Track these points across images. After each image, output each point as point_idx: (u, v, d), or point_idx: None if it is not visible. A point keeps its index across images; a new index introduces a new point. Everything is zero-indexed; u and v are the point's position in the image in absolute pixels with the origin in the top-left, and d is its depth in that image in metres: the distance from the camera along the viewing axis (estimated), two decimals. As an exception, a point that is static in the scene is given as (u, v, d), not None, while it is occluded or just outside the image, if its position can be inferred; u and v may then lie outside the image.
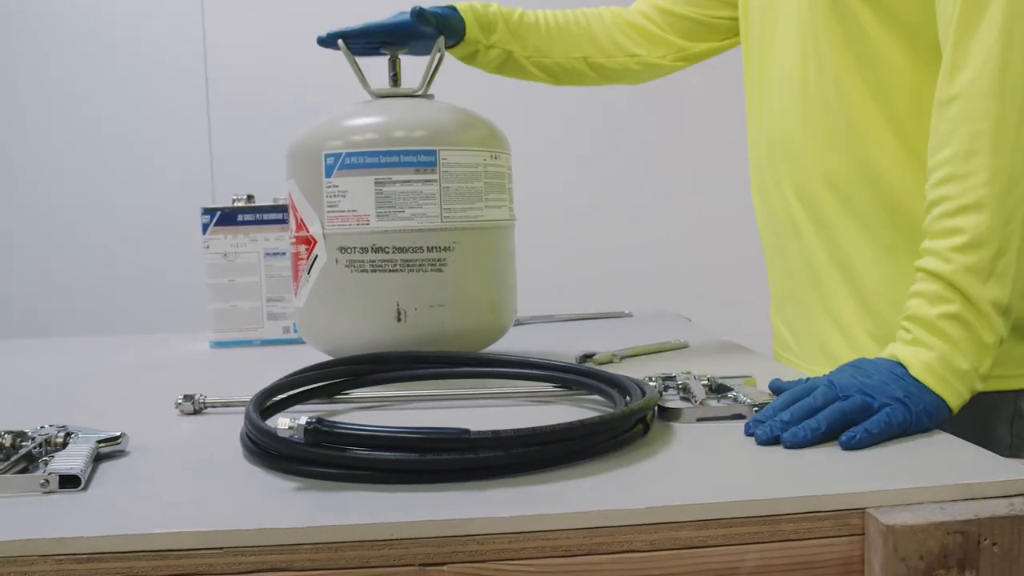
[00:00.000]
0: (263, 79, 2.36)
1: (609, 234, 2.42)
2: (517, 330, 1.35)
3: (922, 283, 0.70)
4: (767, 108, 0.97)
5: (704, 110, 2.37)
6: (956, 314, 0.67)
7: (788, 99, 0.92)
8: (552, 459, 0.58)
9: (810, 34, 0.88)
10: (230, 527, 0.50)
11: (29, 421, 0.71)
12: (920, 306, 0.69)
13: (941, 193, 0.70)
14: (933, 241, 0.70)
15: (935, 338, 0.67)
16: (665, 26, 1.13)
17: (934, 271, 0.69)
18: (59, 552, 0.50)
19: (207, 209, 1.29)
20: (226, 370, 1.12)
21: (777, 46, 0.94)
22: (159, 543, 0.49)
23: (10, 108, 2.40)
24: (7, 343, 1.49)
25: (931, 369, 0.66)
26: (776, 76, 0.94)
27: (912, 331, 0.69)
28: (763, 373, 0.84)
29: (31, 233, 2.43)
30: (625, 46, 1.14)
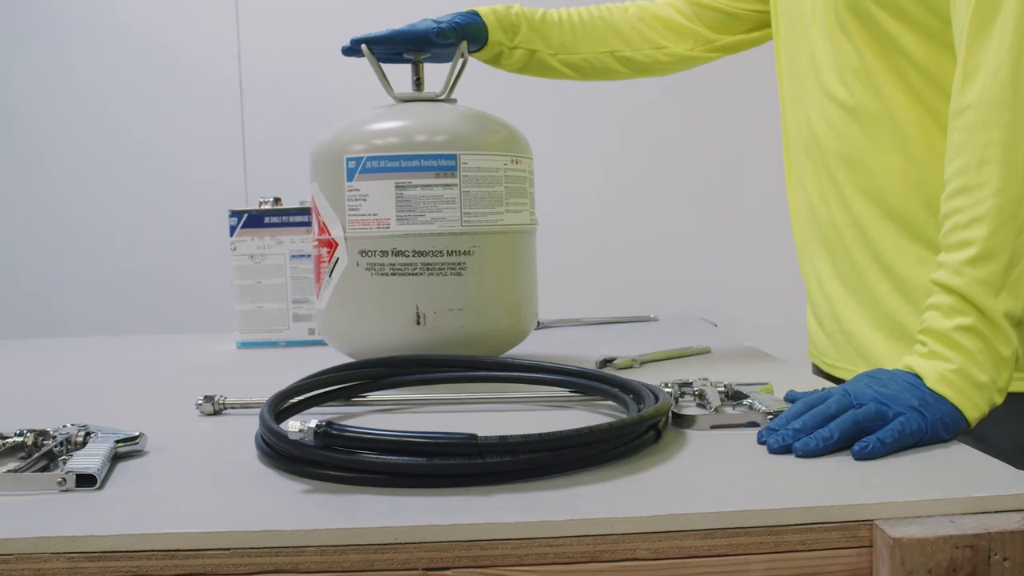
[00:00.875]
0: (296, 86, 2.39)
1: (637, 237, 2.42)
2: (541, 333, 1.36)
3: (937, 296, 0.69)
4: (803, 109, 0.95)
5: (735, 108, 2.35)
6: (971, 327, 0.66)
7: (823, 104, 0.91)
8: (560, 465, 0.58)
9: (841, 41, 0.86)
10: (238, 528, 0.51)
11: (55, 419, 0.73)
12: (935, 319, 0.68)
13: (954, 205, 0.70)
14: (947, 254, 0.70)
15: (951, 351, 0.66)
16: (693, 17, 1.12)
17: (947, 284, 0.68)
18: (72, 550, 0.51)
19: (234, 211, 1.30)
20: (250, 371, 1.14)
21: (809, 52, 0.92)
22: (167, 543, 0.50)
23: (48, 112, 2.45)
24: (39, 342, 1.52)
25: (948, 380, 0.66)
26: (811, 83, 0.92)
27: (928, 344, 0.68)
28: (784, 380, 0.83)
29: (66, 235, 2.48)
30: (652, 39, 1.13)
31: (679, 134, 2.41)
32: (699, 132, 2.40)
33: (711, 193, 2.40)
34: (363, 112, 0.98)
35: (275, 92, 2.40)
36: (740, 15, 1.10)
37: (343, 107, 1.00)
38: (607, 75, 1.16)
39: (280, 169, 2.25)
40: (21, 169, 2.47)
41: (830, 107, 0.90)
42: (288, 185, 1.54)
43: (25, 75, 2.44)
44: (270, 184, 1.67)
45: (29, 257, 2.48)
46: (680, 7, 1.13)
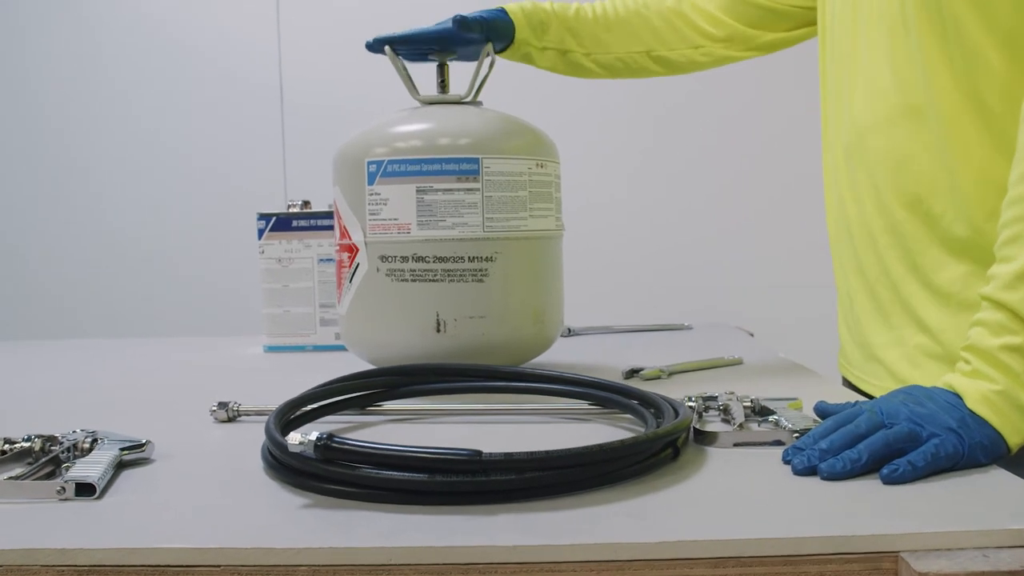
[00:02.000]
0: (335, 91, 2.38)
1: (676, 239, 2.37)
2: (570, 341, 1.33)
3: (985, 311, 0.65)
4: (847, 111, 0.90)
5: (774, 102, 2.30)
6: (1020, 346, 0.62)
7: (873, 103, 0.86)
8: (567, 485, 0.55)
9: (901, 38, 0.81)
10: (230, 544, 0.49)
11: (70, 421, 0.73)
12: (981, 336, 0.64)
13: (1012, 214, 0.65)
14: (999, 266, 0.65)
15: (995, 370, 0.62)
16: (732, 13, 1.08)
17: (998, 299, 0.64)
18: (61, 563, 0.49)
19: (263, 214, 1.30)
20: (273, 376, 1.13)
21: (861, 49, 0.88)
22: (157, 558, 0.49)
23: (85, 115, 2.48)
24: (71, 343, 1.53)
25: (989, 402, 0.62)
26: (860, 80, 0.88)
27: (972, 362, 0.64)
28: (816, 394, 0.80)
29: (101, 238, 2.50)
30: (689, 37, 1.09)
31: (719, 131, 2.36)
32: (740, 134, 2.35)
33: (753, 195, 2.35)
34: (386, 115, 0.97)
35: (314, 97, 2.40)
36: (784, 11, 1.06)
37: (381, 111, 0.99)
38: (640, 74, 1.13)
39: (319, 173, 2.26)
40: (58, 171, 2.50)
41: (879, 106, 0.84)
42: (327, 189, 1.53)
43: (63, 79, 2.48)
44: (308, 188, 1.67)
45: (64, 258, 2.51)
46: (719, 2, 1.09)
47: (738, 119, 2.34)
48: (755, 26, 1.08)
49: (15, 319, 2.48)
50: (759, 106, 2.33)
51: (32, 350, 1.45)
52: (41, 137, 2.50)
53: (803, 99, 1.53)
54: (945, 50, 0.77)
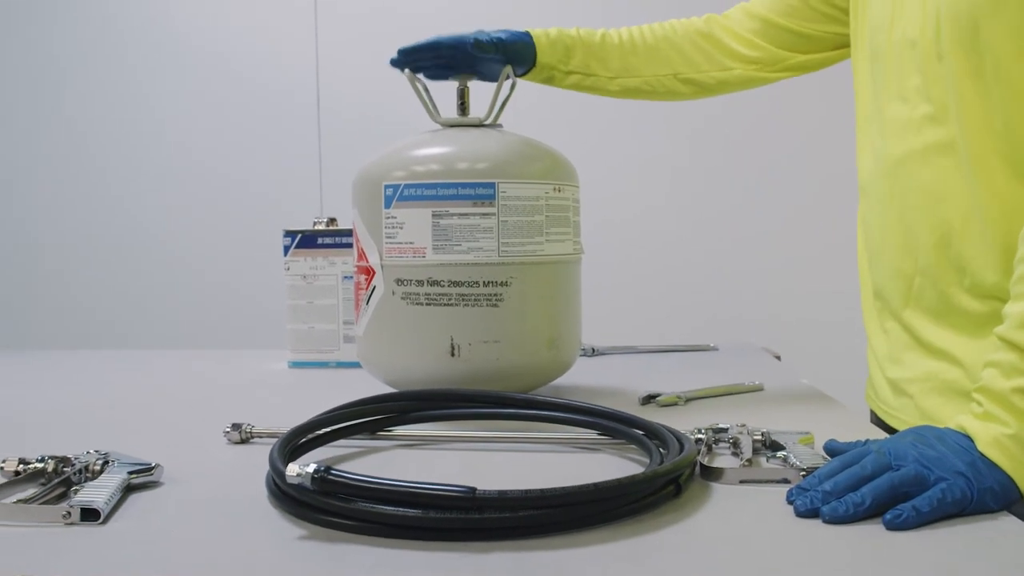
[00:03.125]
0: (372, 109, 2.40)
1: (709, 260, 2.35)
2: (592, 361, 1.33)
3: (999, 352, 0.63)
4: (880, 144, 0.88)
5: (803, 123, 2.28)
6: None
7: (905, 136, 0.84)
8: (562, 524, 0.55)
9: (935, 70, 0.78)
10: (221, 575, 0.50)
11: (85, 439, 0.75)
12: (994, 378, 0.62)
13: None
14: (1013, 304, 0.64)
15: (1008, 413, 0.61)
16: (763, 35, 1.06)
17: (1011, 339, 0.62)
18: (58, 591, 0.50)
19: (288, 231, 1.31)
20: (294, 393, 1.14)
21: (894, 81, 0.86)
22: (149, 590, 0.49)
23: (121, 128, 2.52)
24: (99, 354, 1.56)
25: (1001, 445, 0.60)
26: (892, 112, 0.86)
27: (983, 404, 0.62)
28: (835, 427, 0.79)
29: (135, 251, 2.54)
30: (718, 59, 1.08)
31: (750, 149, 2.34)
32: (770, 148, 2.33)
33: (784, 209, 2.32)
34: (404, 138, 0.97)
35: (351, 113, 2.42)
36: (814, 36, 1.04)
37: (418, 129, 0.99)
38: (668, 96, 1.12)
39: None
40: (89, 182, 2.55)
41: (911, 139, 0.83)
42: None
43: (98, 92, 2.53)
44: (344, 206, 1.69)
45: (96, 269, 2.56)
46: (749, 25, 1.07)
47: (766, 132, 2.32)
48: (785, 48, 1.06)
49: (46, 328, 2.53)
50: (788, 120, 2.30)
51: (59, 360, 1.47)
52: (76, 148, 2.55)
53: (831, 115, 1.51)
54: (980, 83, 0.75)
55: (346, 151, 2.41)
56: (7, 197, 2.54)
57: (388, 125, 2.30)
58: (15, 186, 2.57)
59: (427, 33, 1.03)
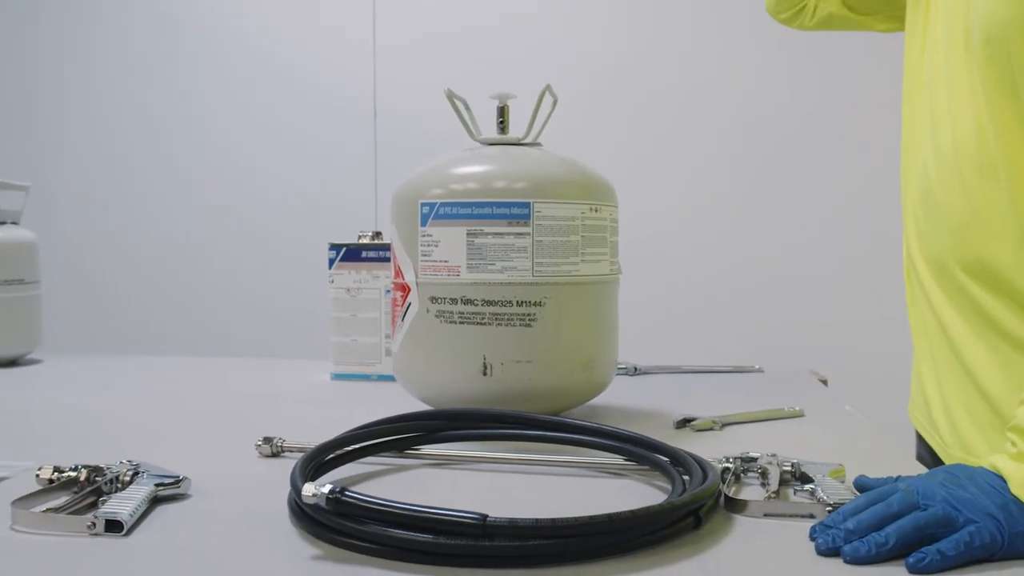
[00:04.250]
0: (428, 122, 2.42)
1: (761, 280, 2.32)
2: (634, 380, 1.31)
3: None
4: (920, 167, 0.87)
5: (855, 143, 2.23)
6: None
7: (942, 159, 0.82)
8: (574, 554, 0.55)
9: (967, 92, 0.78)
10: (232, 596, 0.50)
11: (123, 447, 0.77)
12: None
13: None
14: None
15: None
16: None
17: None
18: (76, 602, 0.51)
19: (333, 244, 1.33)
20: (334, 405, 1.15)
21: (927, 101, 0.84)
22: (160, 606, 0.50)
23: (181, 140, 2.59)
24: (154, 360, 1.59)
25: None
26: (931, 134, 0.84)
27: (1017, 444, 0.60)
28: (868, 460, 0.76)
29: (196, 258, 2.60)
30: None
31: (808, 163, 2.30)
32: (824, 163, 2.29)
33: (838, 233, 2.28)
34: (443, 156, 0.98)
35: (408, 128, 2.44)
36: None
37: (470, 144, 1.00)
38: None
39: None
40: (142, 189, 2.62)
41: (949, 161, 0.81)
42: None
43: (157, 104, 2.59)
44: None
45: (152, 276, 2.62)
46: None
47: (810, 143, 2.28)
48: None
49: (97, 333, 2.59)
50: (833, 129, 2.26)
51: (107, 365, 1.51)
52: (127, 155, 2.62)
53: (881, 138, 1.47)
54: (1016, 106, 0.73)
55: (402, 165, 2.43)
56: (59, 202, 2.61)
57: (443, 140, 2.33)
58: (67, 191, 2.65)
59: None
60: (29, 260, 1.48)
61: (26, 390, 1.28)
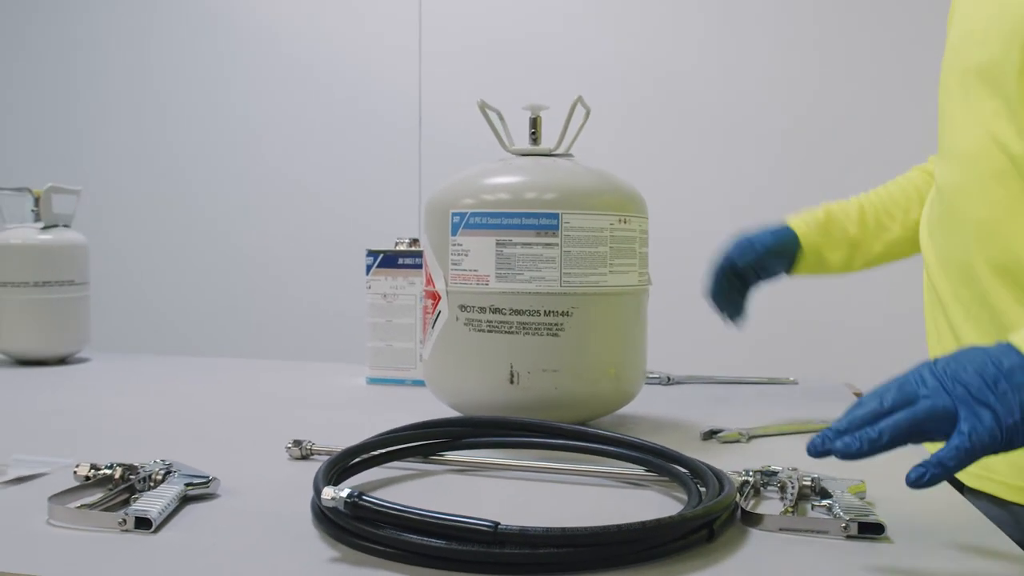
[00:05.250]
0: (473, 126, 2.45)
1: (803, 290, 2.29)
2: (669, 389, 1.32)
3: None
4: (940, 174, 0.87)
5: (885, 152, 2.19)
6: None
7: (962, 165, 0.82)
8: (584, 563, 0.55)
9: (987, 98, 0.78)
10: (249, 594, 0.52)
11: (158, 446, 0.81)
12: None
13: None
14: None
15: None
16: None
17: None
18: (103, 596, 0.54)
19: (371, 251, 1.35)
20: (367, 409, 1.17)
21: (948, 109, 0.85)
22: (181, 602, 0.52)
23: (230, 147, 2.65)
24: (193, 360, 1.63)
25: None
26: (948, 140, 0.84)
27: None
28: (892, 473, 0.76)
29: (241, 264, 2.66)
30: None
31: (846, 168, 2.27)
32: (865, 170, 2.25)
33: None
34: (475, 166, 0.99)
35: (452, 138, 2.47)
36: None
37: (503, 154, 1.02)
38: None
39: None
40: (188, 192, 2.69)
41: (968, 168, 0.81)
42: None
43: (205, 110, 2.66)
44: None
45: (197, 278, 2.68)
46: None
47: (852, 158, 2.25)
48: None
49: (140, 333, 2.66)
50: (875, 139, 2.23)
51: (147, 364, 1.55)
52: (178, 163, 2.69)
53: (923, 145, 1.46)
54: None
55: (446, 173, 2.46)
56: (108, 206, 2.69)
57: (488, 149, 2.35)
58: (116, 196, 2.72)
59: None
60: (79, 262, 1.53)
61: (73, 388, 1.32)
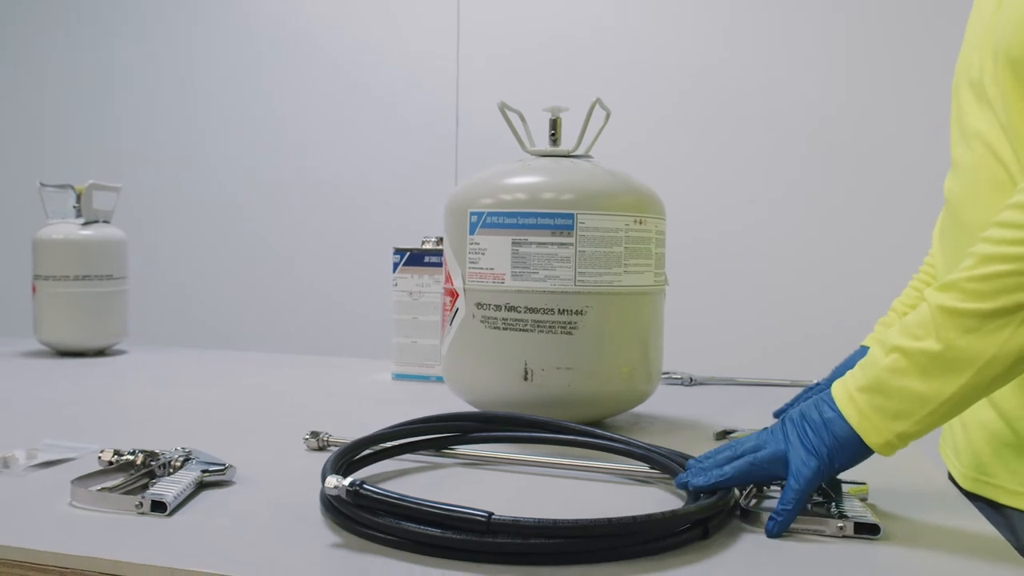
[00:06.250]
0: (509, 136, 2.46)
1: (832, 293, 2.28)
2: (690, 390, 1.32)
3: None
4: (952, 180, 0.87)
5: (923, 147, 2.17)
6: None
7: (963, 176, 0.82)
8: (575, 555, 0.57)
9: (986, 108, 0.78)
10: (251, 575, 0.55)
11: (182, 435, 0.84)
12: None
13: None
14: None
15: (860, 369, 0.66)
16: None
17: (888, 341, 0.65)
18: (115, 572, 0.57)
19: (398, 249, 1.38)
20: (389, 403, 1.19)
21: (955, 122, 0.85)
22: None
23: (268, 148, 2.69)
24: (227, 354, 1.67)
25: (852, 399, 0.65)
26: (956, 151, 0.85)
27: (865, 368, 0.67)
28: (903, 476, 0.76)
29: (274, 262, 2.70)
30: None
31: (871, 170, 2.25)
32: (893, 174, 2.23)
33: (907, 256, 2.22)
34: (494, 167, 1.01)
35: (488, 138, 2.48)
36: None
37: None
38: None
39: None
40: (221, 189, 2.74)
41: (968, 179, 0.81)
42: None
43: (244, 110, 2.70)
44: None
45: (227, 272, 2.74)
46: None
47: (877, 160, 2.23)
48: None
49: (176, 327, 2.72)
50: (902, 136, 2.20)
51: (185, 357, 1.60)
52: (217, 162, 2.74)
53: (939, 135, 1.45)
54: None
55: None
56: (142, 202, 2.74)
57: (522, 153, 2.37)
58: (154, 193, 2.78)
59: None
60: (119, 257, 1.58)
61: (108, 378, 1.36)
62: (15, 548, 0.59)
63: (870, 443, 0.64)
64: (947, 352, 0.60)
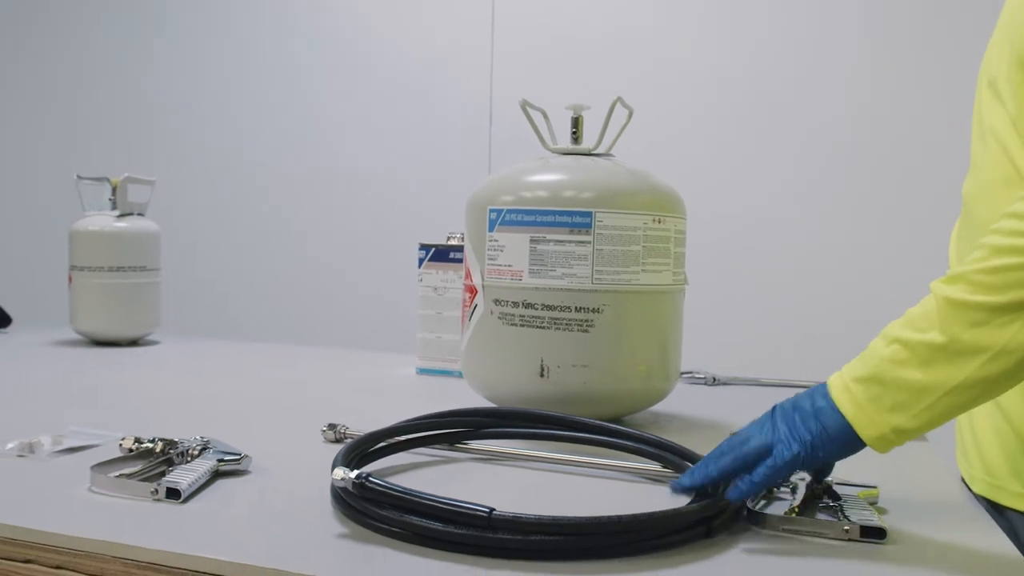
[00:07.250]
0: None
1: (855, 294, 2.25)
2: (713, 390, 1.32)
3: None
4: (968, 177, 0.86)
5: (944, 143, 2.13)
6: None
7: (977, 173, 0.82)
8: (576, 552, 0.57)
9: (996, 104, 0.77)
10: (256, 562, 0.56)
11: (201, 425, 0.86)
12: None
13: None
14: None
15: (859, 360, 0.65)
16: None
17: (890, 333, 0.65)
18: (127, 556, 0.58)
19: (423, 245, 1.39)
20: (412, 397, 1.20)
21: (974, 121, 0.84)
22: (193, 564, 0.56)
23: (300, 146, 2.72)
24: (261, 346, 1.70)
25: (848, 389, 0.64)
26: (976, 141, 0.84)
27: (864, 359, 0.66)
28: (917, 481, 0.76)
29: (305, 258, 2.73)
30: None
31: (902, 169, 2.22)
32: (922, 172, 2.20)
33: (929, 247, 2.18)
34: (515, 164, 1.02)
35: (523, 137, 2.49)
36: None
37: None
38: None
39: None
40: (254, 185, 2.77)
41: (982, 175, 0.80)
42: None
43: (277, 105, 2.73)
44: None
45: (264, 268, 2.77)
46: None
47: (895, 165, 2.19)
48: None
49: (204, 318, 2.75)
50: (925, 134, 2.17)
51: (215, 348, 1.62)
52: (251, 157, 2.78)
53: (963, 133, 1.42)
54: None
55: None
56: (176, 196, 2.79)
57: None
58: (183, 185, 2.83)
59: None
60: (152, 249, 1.61)
61: (140, 368, 1.39)
62: (32, 530, 0.61)
63: (864, 436, 0.62)
64: (951, 345, 0.59)
